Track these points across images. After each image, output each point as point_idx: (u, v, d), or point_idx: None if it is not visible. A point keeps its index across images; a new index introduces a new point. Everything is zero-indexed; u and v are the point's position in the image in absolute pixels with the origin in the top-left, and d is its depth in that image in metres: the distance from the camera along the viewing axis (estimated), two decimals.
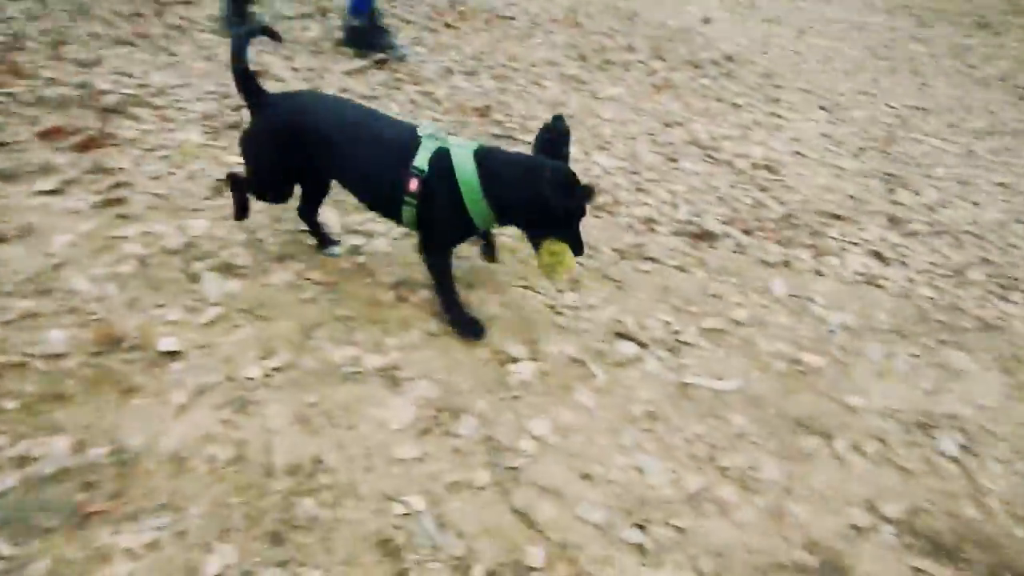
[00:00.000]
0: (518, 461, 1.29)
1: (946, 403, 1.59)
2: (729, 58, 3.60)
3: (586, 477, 1.27)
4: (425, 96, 2.70)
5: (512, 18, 3.66)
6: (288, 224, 1.88)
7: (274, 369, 1.45)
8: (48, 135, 2.14)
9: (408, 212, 1.51)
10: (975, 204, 2.64)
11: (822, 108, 3.23)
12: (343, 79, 2.73)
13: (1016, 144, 3.23)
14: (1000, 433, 1.53)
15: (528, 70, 3.06)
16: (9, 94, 2.34)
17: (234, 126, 2.34)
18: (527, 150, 1.63)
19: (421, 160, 1.48)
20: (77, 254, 1.69)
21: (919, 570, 1.19)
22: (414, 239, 1.65)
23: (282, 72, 2.75)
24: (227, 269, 1.71)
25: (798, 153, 2.77)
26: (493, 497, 1.20)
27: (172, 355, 1.47)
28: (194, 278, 1.67)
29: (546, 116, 2.67)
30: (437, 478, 1.23)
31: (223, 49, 2.86)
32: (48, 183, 1.93)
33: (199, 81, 2.60)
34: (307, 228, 1.82)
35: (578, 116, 2.74)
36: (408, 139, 1.52)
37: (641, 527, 1.19)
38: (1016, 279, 2.17)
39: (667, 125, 2.78)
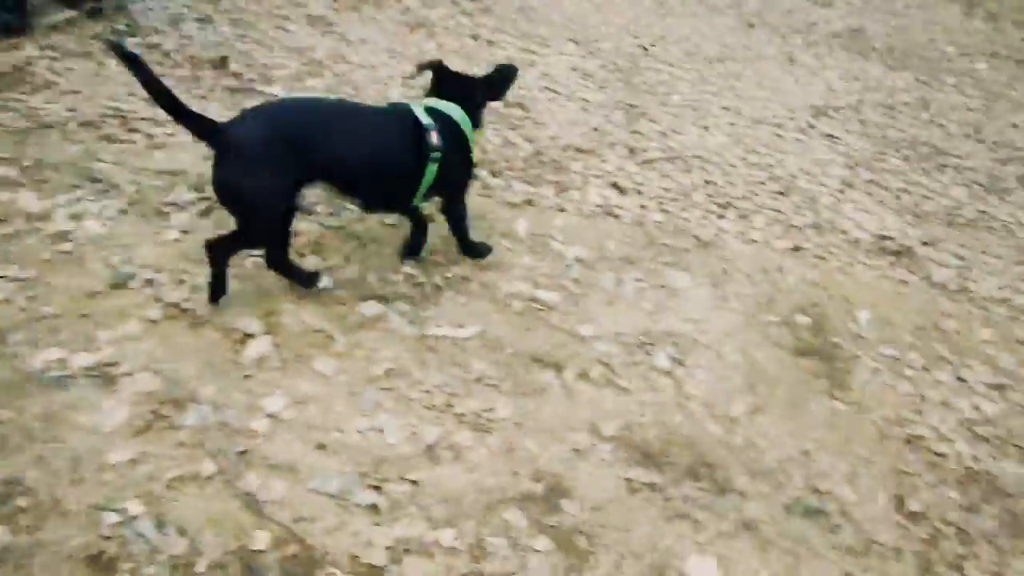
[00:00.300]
0: (249, 443, 1.26)
1: (664, 321, 1.77)
2: None
3: (321, 447, 1.28)
4: (151, 49, 2.46)
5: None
6: None
7: None
8: None
9: (431, 171, 1.58)
10: (704, 129, 2.90)
11: (573, 41, 3.35)
12: (49, 36, 2.41)
13: (741, 69, 3.56)
14: (705, 342, 1.73)
15: (271, 13, 2.87)
16: None
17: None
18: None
19: (425, 119, 1.58)
20: None
21: (630, 480, 1.34)
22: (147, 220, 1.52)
23: None
24: None
25: (548, 88, 2.86)
26: (219, 486, 1.18)
27: None
28: None
29: (291, 64, 2.55)
30: (157, 477, 1.17)
31: None
32: None
33: None
34: (283, 273, 1.59)
35: (325, 62, 2.63)
36: (394, 110, 1.63)
37: (377, 488, 1.22)
38: (732, 198, 2.43)
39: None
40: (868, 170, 2.88)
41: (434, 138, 1.58)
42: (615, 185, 2.34)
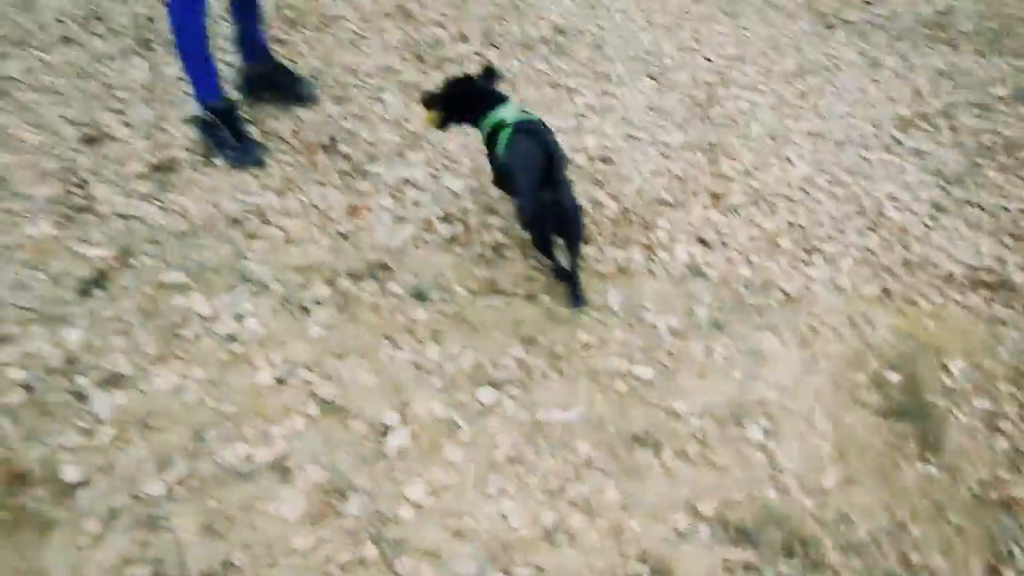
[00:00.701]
0: (400, 530, 1.53)
1: (755, 390, 1.94)
2: (560, 31, 3.75)
3: (458, 534, 1.54)
4: (270, 136, 2.75)
5: (343, 17, 3.66)
6: (162, 318, 1.99)
7: (176, 481, 1.62)
8: None
9: None
10: (787, 160, 2.99)
11: (649, 76, 3.47)
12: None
13: (820, 83, 3.59)
14: (795, 409, 1.89)
15: (366, 83, 3.13)
16: None
17: (84, 208, 2.35)
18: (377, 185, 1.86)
19: None
20: None
21: (727, 560, 1.53)
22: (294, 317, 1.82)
23: (116, 129, 2.72)
24: (111, 381, 1.82)
25: (630, 136, 3.02)
26: (382, 569, 1.45)
27: (78, 484, 1.60)
28: (82, 397, 1.78)
29: (391, 138, 2.80)
30: (332, 560, 1.46)
31: (52, 109, 2.80)
32: None
33: (35, 157, 2.56)
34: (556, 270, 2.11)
35: (420, 132, 2.87)
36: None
37: (506, 572, 1.47)
38: (818, 241, 2.54)
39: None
40: (961, 187, 2.91)
41: None
42: (701, 240, 2.49)
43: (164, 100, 2.87)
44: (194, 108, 2.59)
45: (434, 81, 3.20)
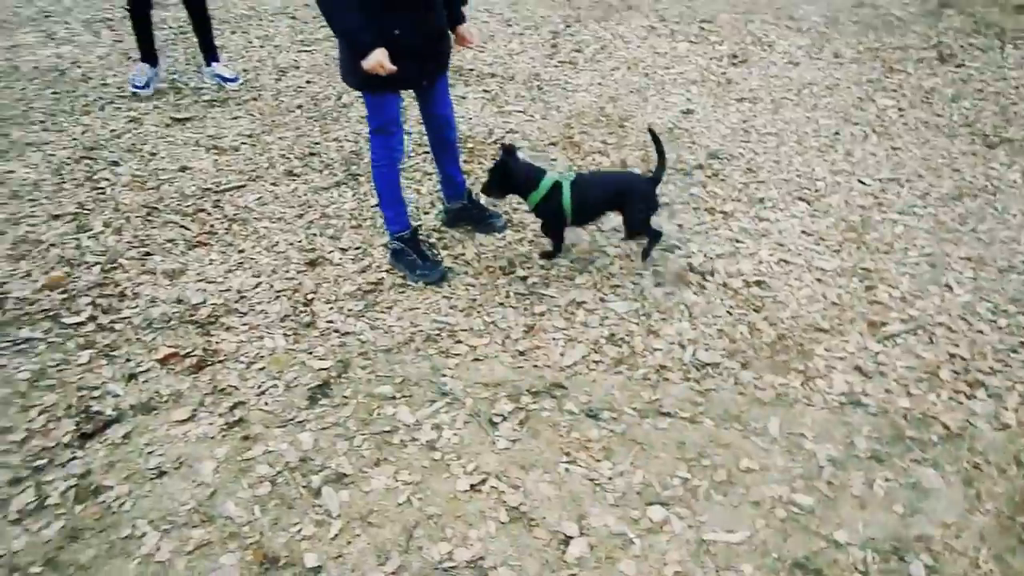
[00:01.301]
0: None
1: (917, 526, 2.00)
2: (714, 156, 4.02)
3: None
4: (457, 260, 3.16)
5: (517, 147, 4.12)
6: (375, 425, 2.35)
7: (391, 573, 1.92)
8: (166, 360, 2.64)
9: None
10: (946, 288, 3.03)
11: (803, 200, 3.64)
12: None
13: (981, 206, 3.60)
14: (961, 548, 1.94)
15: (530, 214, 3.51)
16: (125, 319, 2.85)
17: (310, 323, 2.82)
18: (550, 307, 2.13)
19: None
20: (223, 480, 2.18)
21: None
22: (484, 430, 2.12)
23: (332, 254, 3.23)
24: (338, 479, 2.18)
25: (784, 261, 3.18)
26: None
27: (316, 570, 1.94)
28: (315, 492, 2.14)
29: (561, 262, 3.12)
30: None
31: (281, 236, 3.37)
32: (181, 412, 2.43)
33: (268, 278, 3.10)
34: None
35: (589, 256, 3.18)
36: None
37: None
38: (981, 374, 2.56)
39: (666, 251, 3.21)
40: None
41: None
42: (859, 369, 2.59)
43: (369, 226, 3.38)
44: (387, 237, 3.06)
45: None
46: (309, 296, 2.97)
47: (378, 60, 2.50)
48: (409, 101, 3.17)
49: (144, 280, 3.07)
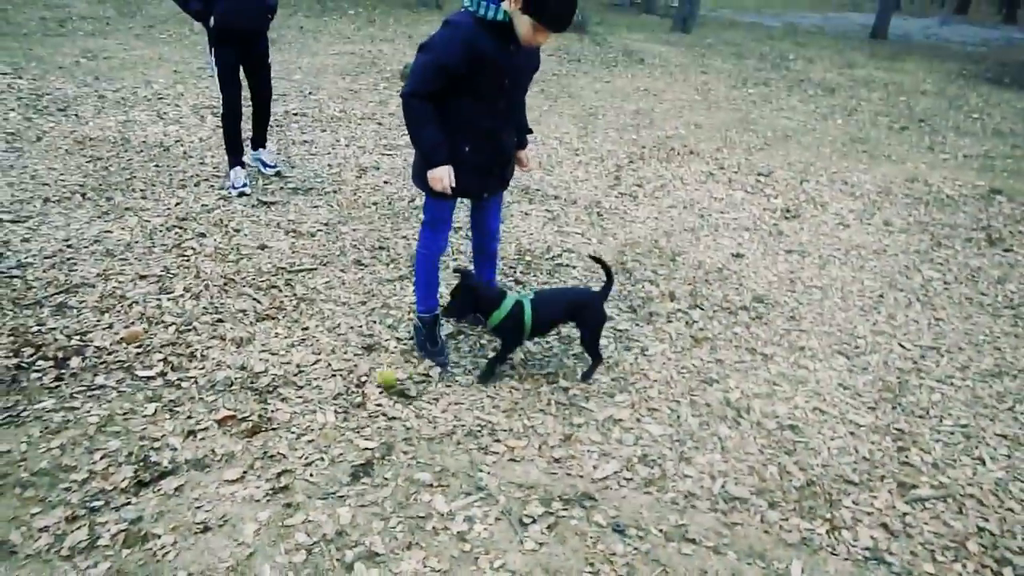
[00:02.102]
0: None
1: None
2: (759, 300, 4.18)
3: None
4: (502, 365, 3.32)
5: (569, 265, 4.36)
6: (411, 509, 2.45)
7: None
8: (223, 422, 2.81)
9: None
10: (979, 461, 3.06)
11: (841, 354, 3.75)
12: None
13: (1020, 387, 3.65)
14: None
15: None
16: (191, 378, 3.05)
17: (360, 404, 2.98)
18: (588, 420, 2.24)
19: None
20: (263, 543, 2.28)
21: None
22: (514, 529, 2.20)
23: (388, 342, 3.42)
24: (370, 557, 2.27)
25: (819, 410, 3.26)
26: None
27: None
28: (348, 567, 2.23)
29: (603, 379, 3.25)
30: None
31: (343, 319, 3.59)
32: (231, 472, 2.56)
33: (327, 356, 3.29)
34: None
35: (630, 378, 3.32)
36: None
37: None
38: (1009, 552, 2.56)
39: (705, 383, 3.33)
40: None
41: None
42: (885, 526, 2.62)
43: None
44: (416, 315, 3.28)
45: (644, 332, 3.70)
46: (362, 378, 3.14)
47: (440, 176, 2.81)
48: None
49: (213, 344, 3.29)
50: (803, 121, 8.68)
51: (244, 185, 4.99)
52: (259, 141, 5.38)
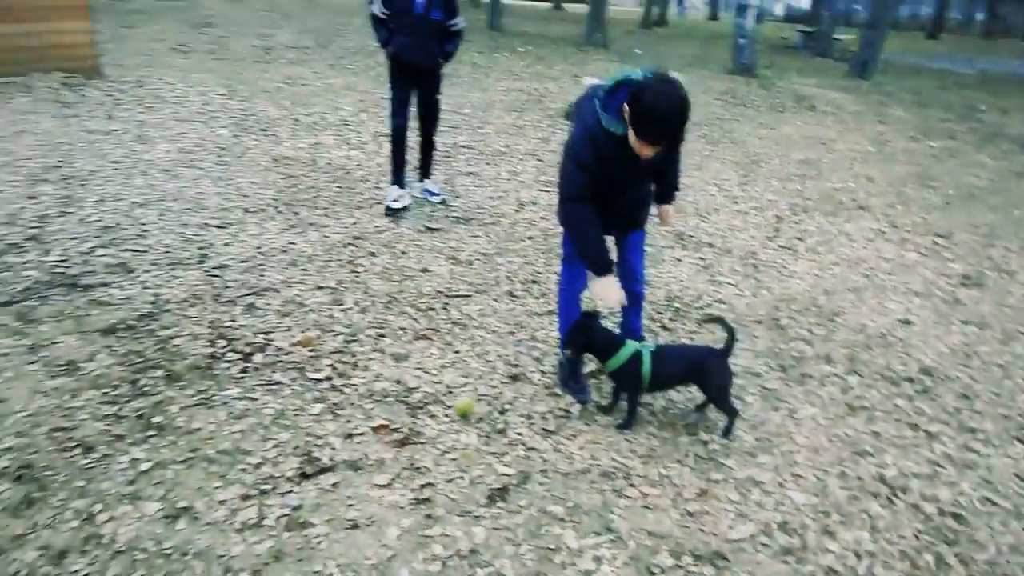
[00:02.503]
0: None
1: None
2: (927, 372, 3.90)
3: None
4: (645, 407, 3.33)
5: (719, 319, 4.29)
6: (541, 540, 2.52)
7: None
8: (378, 430, 3.03)
9: None
10: None
11: (1021, 441, 3.42)
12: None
13: None
14: None
15: (743, 388, 3.61)
16: (353, 386, 3.31)
17: (502, 430, 3.10)
18: (727, 477, 2.20)
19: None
20: (403, 547, 2.44)
21: None
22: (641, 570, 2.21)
23: (533, 374, 3.53)
24: None
25: (989, 500, 2.99)
26: None
27: None
28: None
29: (747, 438, 3.18)
30: None
31: (493, 347, 3.75)
32: (381, 478, 2.76)
33: (475, 381, 3.45)
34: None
35: (775, 440, 3.22)
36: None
37: None
38: None
39: (857, 455, 3.16)
40: None
41: None
42: None
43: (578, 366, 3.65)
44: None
45: (794, 394, 3.58)
46: (506, 406, 3.27)
47: (607, 289, 2.98)
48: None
49: (375, 357, 3.56)
50: (992, 180, 8.00)
51: (394, 201, 5.33)
52: (424, 172, 5.71)
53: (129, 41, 11.70)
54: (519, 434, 3.09)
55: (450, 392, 3.32)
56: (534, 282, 4.55)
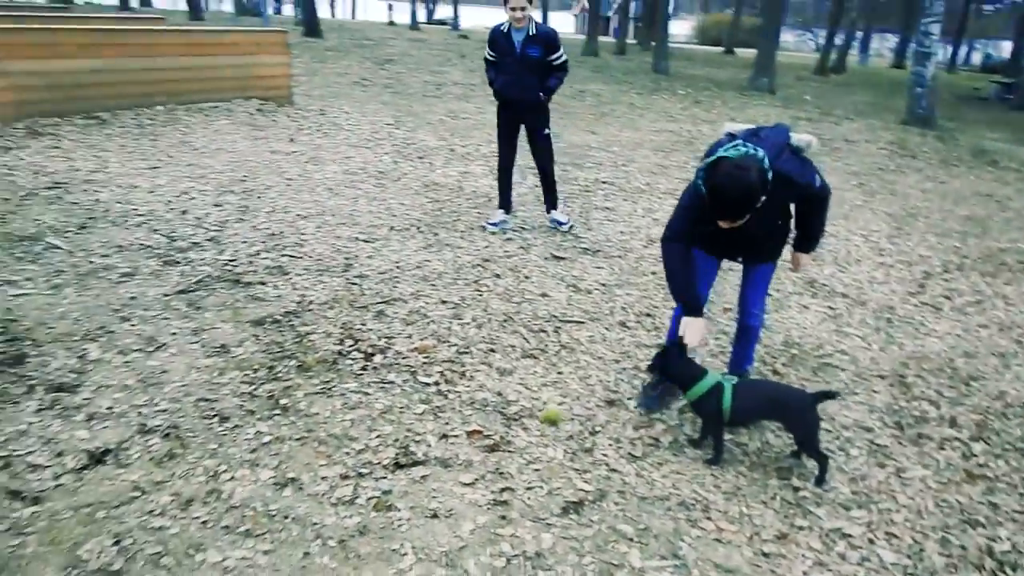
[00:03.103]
0: None
1: None
2: None
3: None
4: (738, 447, 3.31)
5: (837, 367, 4.14)
6: (606, 555, 2.61)
7: None
8: (472, 435, 3.24)
9: None
10: None
11: None
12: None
13: None
14: None
15: (838, 432, 3.49)
16: (457, 393, 3.57)
17: (588, 449, 3.21)
18: (812, 525, 2.22)
19: None
20: (474, 542, 2.62)
21: None
22: None
23: (628, 402, 3.61)
24: None
25: None
26: None
27: None
28: None
29: (843, 490, 3.07)
30: None
31: (595, 372, 3.87)
32: (466, 477, 2.96)
33: (572, 401, 3.59)
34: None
35: (874, 496, 3.08)
36: None
37: None
38: None
39: (966, 523, 2.95)
40: None
41: None
42: None
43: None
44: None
45: (905, 452, 3.40)
46: (597, 428, 3.38)
47: (692, 328, 3.08)
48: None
49: (481, 369, 3.80)
50: None
51: (495, 225, 5.72)
52: (550, 204, 5.98)
53: (319, 75, 13.07)
54: (604, 455, 3.19)
55: (546, 407, 3.49)
56: (648, 315, 4.62)
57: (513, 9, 5.05)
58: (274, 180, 6.69)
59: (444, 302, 4.53)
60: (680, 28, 63.74)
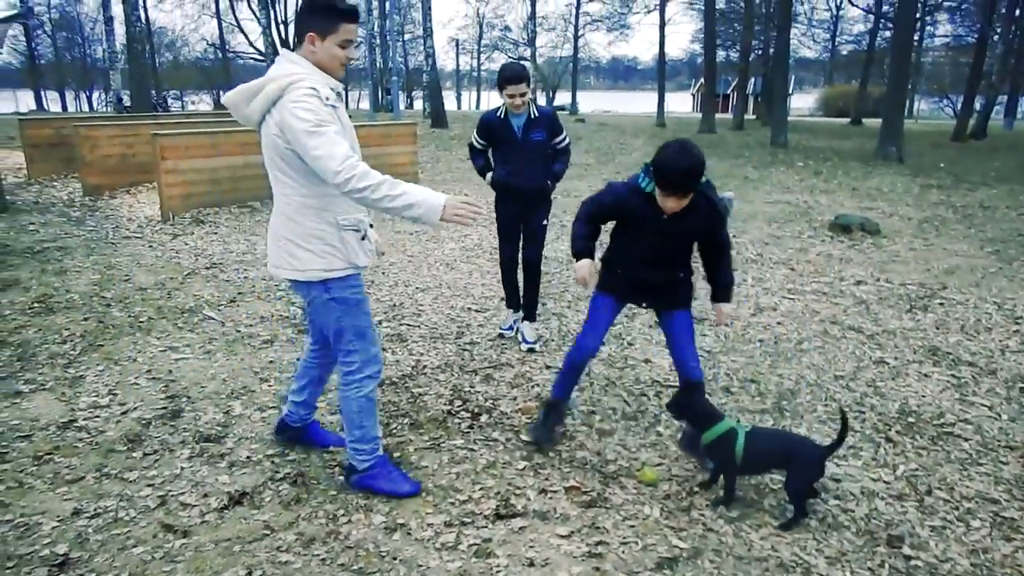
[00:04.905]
0: None
1: None
2: None
3: None
4: (836, 514, 3.22)
5: (960, 436, 3.93)
6: None
7: None
8: (570, 490, 3.36)
9: None
10: None
11: None
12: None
13: None
14: None
15: (957, 504, 3.32)
16: (557, 451, 3.71)
17: (686, 509, 3.25)
18: None
19: None
20: None
21: None
22: None
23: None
24: None
25: None
26: None
27: None
28: None
29: (963, 561, 2.93)
30: None
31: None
32: (562, 529, 3.08)
33: (671, 463, 3.64)
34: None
35: (996, 570, 2.90)
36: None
37: None
38: None
39: None
40: None
41: None
42: None
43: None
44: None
45: None
46: (695, 488, 3.41)
47: (578, 267, 3.46)
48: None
49: (582, 430, 3.93)
50: None
51: (508, 329, 5.24)
52: (526, 311, 5.17)
53: (441, 162, 14.02)
54: (702, 514, 3.21)
55: (643, 468, 3.56)
56: (753, 382, 4.60)
57: (512, 96, 4.52)
58: (397, 257, 7.25)
59: (548, 367, 4.73)
60: (803, 101, 62.65)
